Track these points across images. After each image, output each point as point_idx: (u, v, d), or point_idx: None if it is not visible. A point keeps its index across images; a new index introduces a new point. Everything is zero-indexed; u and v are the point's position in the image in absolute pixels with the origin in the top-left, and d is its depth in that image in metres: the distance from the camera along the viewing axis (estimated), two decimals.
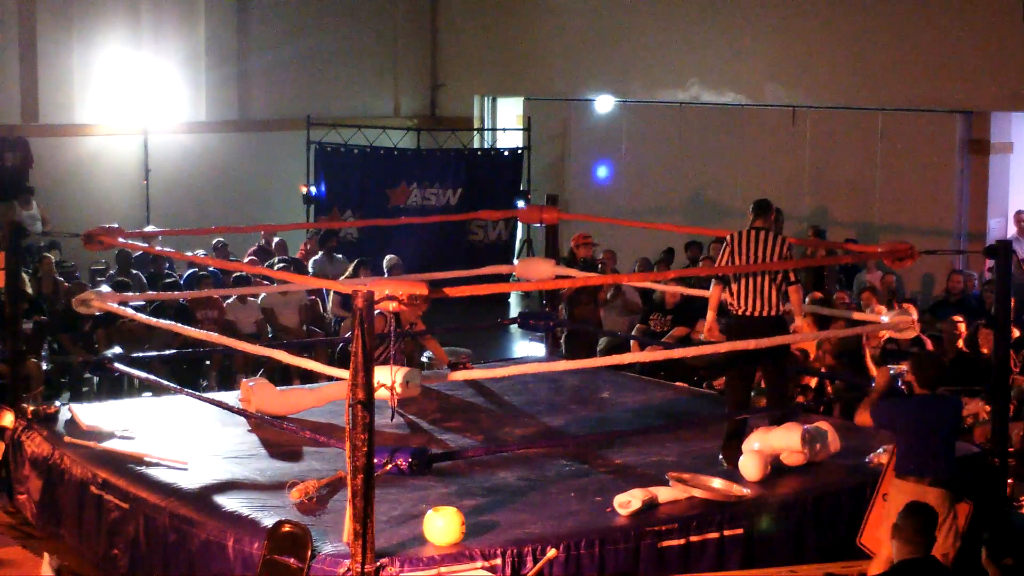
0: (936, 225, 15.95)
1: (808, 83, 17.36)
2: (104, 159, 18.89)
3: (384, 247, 16.33)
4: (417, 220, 16.79)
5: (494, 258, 17.22)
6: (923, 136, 16.34)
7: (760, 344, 8.68)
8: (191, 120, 19.69)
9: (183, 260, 15.18)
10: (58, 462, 9.00)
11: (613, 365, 10.49)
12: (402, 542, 7.08)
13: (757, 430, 8.69)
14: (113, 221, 12.27)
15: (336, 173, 19.19)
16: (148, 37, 19.17)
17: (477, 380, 10.69)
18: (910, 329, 9.68)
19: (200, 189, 19.33)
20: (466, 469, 8.43)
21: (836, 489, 8.36)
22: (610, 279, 13.25)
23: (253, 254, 16.02)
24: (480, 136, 21.36)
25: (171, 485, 8.14)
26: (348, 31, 21.30)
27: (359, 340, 6.73)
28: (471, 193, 19.21)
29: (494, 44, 21.43)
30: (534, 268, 11.79)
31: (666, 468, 8.28)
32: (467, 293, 7.99)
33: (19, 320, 10.41)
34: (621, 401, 10.63)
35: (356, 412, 6.74)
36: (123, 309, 10.85)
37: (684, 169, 18.70)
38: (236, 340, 10.41)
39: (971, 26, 15.74)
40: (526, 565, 7.06)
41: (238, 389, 10.12)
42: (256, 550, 7.15)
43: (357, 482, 6.72)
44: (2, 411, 9.68)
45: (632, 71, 19.33)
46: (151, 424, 9.51)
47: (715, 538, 7.66)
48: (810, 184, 17.39)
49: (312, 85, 20.73)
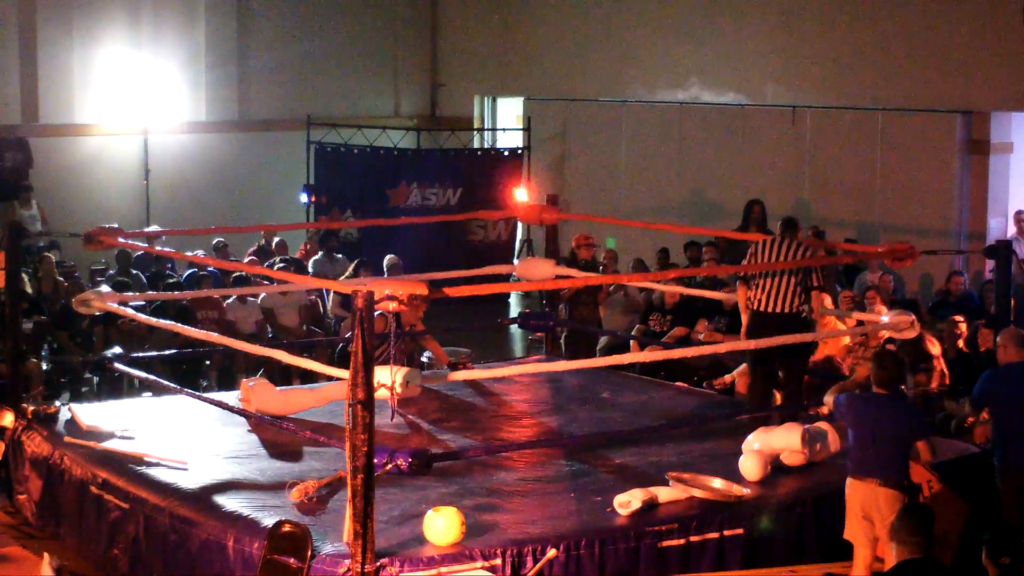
0: (936, 225, 15.94)
1: (808, 83, 17.35)
2: (104, 159, 18.89)
3: (384, 247, 16.32)
4: (417, 220, 16.79)
5: (494, 258, 17.22)
6: (923, 136, 16.33)
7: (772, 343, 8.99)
8: (191, 120, 19.69)
9: (183, 260, 15.17)
10: (58, 462, 9.00)
11: (613, 365, 10.49)
12: (402, 542, 7.09)
13: (757, 430, 8.70)
14: (113, 221, 12.27)
15: (336, 173, 19.19)
16: (148, 37, 19.17)
17: (477, 380, 10.69)
18: (910, 329, 9.68)
19: (200, 189, 19.33)
20: (466, 469, 8.43)
21: (836, 489, 8.32)
22: (610, 279, 13.25)
23: (253, 254, 16.02)
24: (480, 136, 21.36)
25: (171, 485, 8.14)
26: (348, 31, 21.30)
27: (359, 340, 6.73)
28: (471, 193, 19.22)
29: (494, 44, 21.43)
30: (534, 268, 11.79)
31: (666, 468, 8.28)
32: (467, 293, 8.00)
33: (19, 320, 10.42)
34: (621, 401, 10.63)
35: (356, 412, 6.74)
36: (123, 309, 10.86)
37: (684, 169, 18.69)
38: (236, 340, 10.42)
39: (971, 26, 15.72)
40: (526, 565, 7.06)
41: (238, 389, 10.12)
42: (256, 550, 7.16)
43: (357, 482, 6.73)
44: (2, 411, 9.68)
45: (632, 71, 19.32)
46: (151, 424, 9.51)
47: (715, 538, 7.66)
48: (810, 184, 17.38)
49: (312, 85, 20.73)
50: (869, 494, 7.36)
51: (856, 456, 7.50)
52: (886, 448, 7.39)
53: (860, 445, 7.47)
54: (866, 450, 7.43)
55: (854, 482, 7.48)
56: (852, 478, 7.49)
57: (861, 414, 7.52)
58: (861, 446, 7.46)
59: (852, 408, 7.60)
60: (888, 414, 7.46)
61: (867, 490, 7.36)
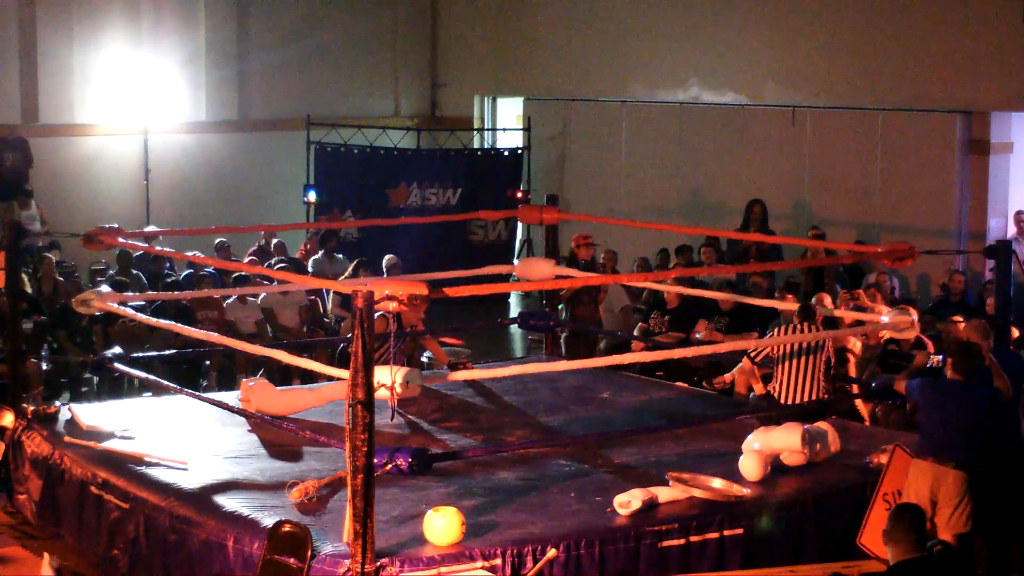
0: (936, 225, 15.94)
1: (808, 83, 17.36)
2: (104, 159, 18.89)
3: (384, 247, 16.33)
4: (417, 220, 16.80)
5: (494, 258, 17.22)
6: (923, 136, 16.33)
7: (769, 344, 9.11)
8: (191, 120, 19.69)
9: (183, 260, 15.17)
10: (58, 462, 9.00)
11: (613, 365, 10.48)
12: (402, 542, 7.08)
13: (757, 430, 8.70)
14: (113, 221, 12.26)
15: (336, 173, 19.19)
16: (148, 37, 19.17)
17: (477, 380, 10.69)
18: (910, 329, 9.69)
19: (200, 189, 19.33)
20: (466, 469, 8.43)
21: (836, 489, 8.36)
22: (610, 279, 13.25)
23: (253, 254, 16.02)
24: (480, 136, 21.36)
25: (171, 485, 8.14)
26: (348, 31, 21.29)
27: (359, 340, 6.72)
28: (471, 193, 19.22)
29: (494, 44, 21.42)
30: (534, 268, 11.78)
31: (666, 468, 8.27)
32: (467, 293, 7.99)
33: (19, 320, 10.41)
34: (621, 401, 10.62)
35: (356, 412, 6.74)
36: (123, 309, 10.86)
37: (684, 169, 18.69)
38: (236, 340, 10.41)
39: (971, 26, 15.72)
40: (526, 565, 7.06)
41: (238, 389, 10.12)
42: (256, 550, 7.15)
43: (357, 482, 6.72)
44: (2, 411, 9.67)
45: (632, 71, 19.32)
46: (151, 424, 9.50)
47: (715, 538, 7.66)
48: (810, 184, 17.38)
49: (312, 85, 20.72)
50: (938, 474, 7.66)
51: (928, 439, 7.81)
52: (958, 431, 7.71)
53: (930, 427, 7.82)
54: (936, 432, 7.76)
55: (920, 462, 7.78)
56: (918, 458, 7.79)
57: (936, 398, 7.85)
58: (931, 428, 7.81)
59: (927, 392, 7.94)
60: (963, 400, 7.80)
61: (936, 471, 7.66)
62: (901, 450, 8.16)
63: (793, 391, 9.58)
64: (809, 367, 9.58)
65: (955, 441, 7.73)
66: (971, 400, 7.82)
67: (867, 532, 7.94)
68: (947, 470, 7.67)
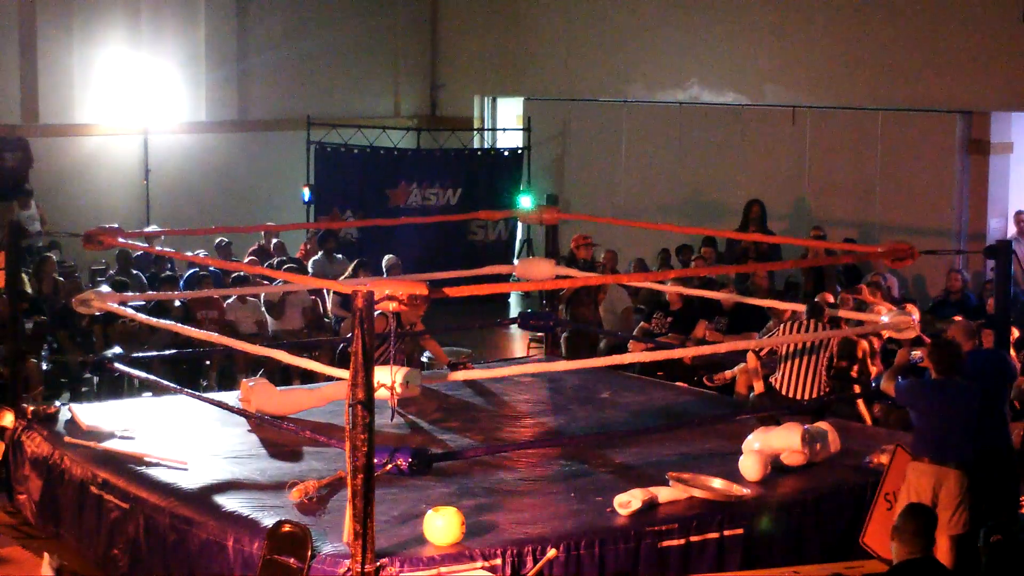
0: (936, 225, 15.94)
1: (808, 83, 17.36)
2: (104, 159, 18.89)
3: (384, 247, 16.33)
4: (417, 220, 16.79)
5: (494, 258, 17.22)
6: (923, 136, 16.34)
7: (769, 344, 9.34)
8: (191, 120, 19.69)
9: (183, 260, 15.16)
10: (58, 462, 9.00)
11: (613, 365, 10.48)
12: (402, 542, 7.08)
13: (757, 430, 8.70)
14: (113, 221, 12.27)
15: (336, 173, 19.19)
16: (148, 37, 19.17)
17: (477, 380, 10.69)
18: (910, 329, 9.69)
19: (200, 189, 19.33)
20: (466, 469, 8.43)
21: (836, 489, 8.36)
22: (610, 279, 13.25)
23: (253, 254, 16.02)
24: (480, 136, 21.36)
25: (171, 485, 8.14)
26: (348, 31, 21.29)
27: (359, 340, 6.72)
28: (471, 193, 19.22)
29: (494, 44, 21.42)
30: (534, 268, 11.78)
31: (666, 468, 8.27)
32: (467, 293, 7.99)
33: (19, 320, 10.41)
34: (621, 401, 10.63)
35: (356, 412, 6.74)
36: (123, 309, 10.85)
37: (684, 169, 18.69)
38: (236, 340, 10.41)
39: (971, 26, 15.72)
40: (526, 565, 7.06)
41: (238, 389, 10.12)
42: (256, 550, 7.15)
43: (357, 482, 6.72)
44: (2, 411, 9.67)
45: (632, 71, 19.32)
46: (151, 424, 9.51)
47: (715, 538, 7.66)
48: (810, 184, 17.38)
49: (312, 85, 20.73)
50: (938, 475, 7.59)
51: (923, 440, 7.71)
52: (954, 430, 7.65)
53: (926, 427, 7.71)
54: (933, 433, 7.67)
55: (917, 464, 7.69)
56: (916, 460, 7.70)
57: (929, 399, 7.75)
58: (927, 429, 7.70)
59: (920, 393, 7.83)
60: (954, 398, 7.73)
61: (937, 472, 7.59)
62: (902, 450, 8.15)
63: (796, 387, 9.64)
64: (813, 364, 9.67)
65: (952, 441, 7.67)
66: (963, 398, 7.76)
67: (870, 532, 7.93)
68: (948, 471, 7.63)
